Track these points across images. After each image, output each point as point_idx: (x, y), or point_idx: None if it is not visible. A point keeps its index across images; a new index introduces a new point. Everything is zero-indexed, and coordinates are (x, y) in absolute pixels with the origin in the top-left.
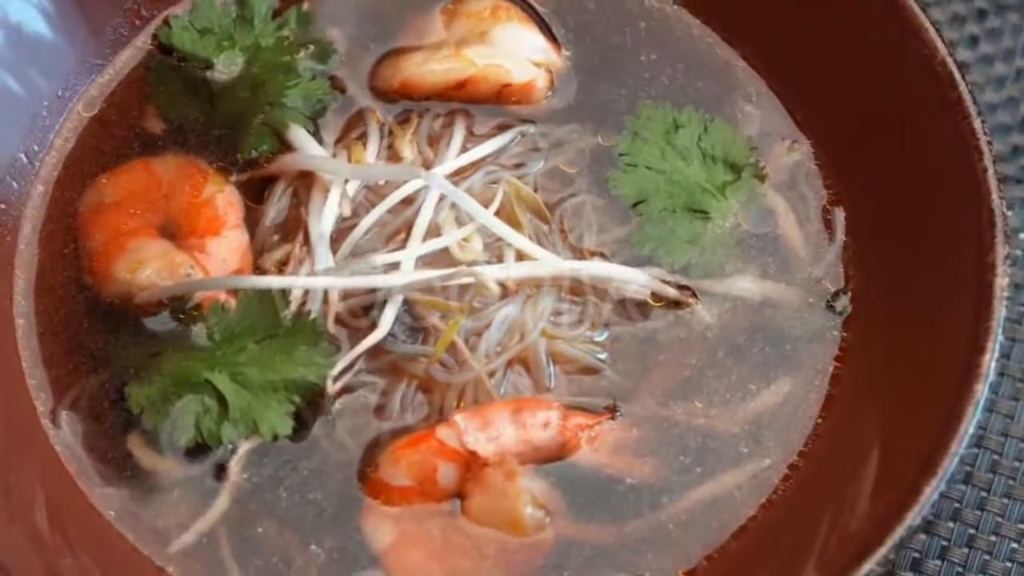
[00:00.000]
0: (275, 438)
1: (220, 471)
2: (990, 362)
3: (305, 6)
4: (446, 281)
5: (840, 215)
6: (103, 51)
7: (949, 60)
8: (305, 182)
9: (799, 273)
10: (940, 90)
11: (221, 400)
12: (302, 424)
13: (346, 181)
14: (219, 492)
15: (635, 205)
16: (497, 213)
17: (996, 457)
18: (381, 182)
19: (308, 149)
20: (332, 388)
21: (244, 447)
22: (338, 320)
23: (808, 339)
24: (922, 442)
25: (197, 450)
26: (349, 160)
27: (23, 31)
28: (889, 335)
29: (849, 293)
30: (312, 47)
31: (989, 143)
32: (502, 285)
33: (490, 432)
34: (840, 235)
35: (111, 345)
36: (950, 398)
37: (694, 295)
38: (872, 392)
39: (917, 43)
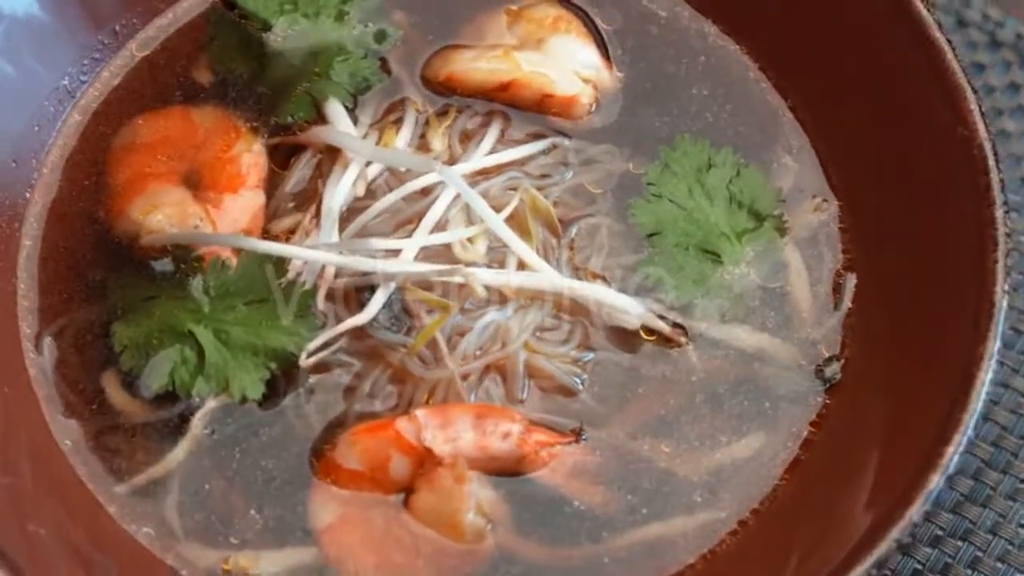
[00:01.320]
0: (243, 400)
1: (183, 422)
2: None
3: None
4: (439, 277)
5: (851, 281)
6: None
7: (988, 144)
8: (331, 156)
9: (798, 333)
10: (973, 174)
11: (201, 354)
12: (273, 391)
13: (368, 163)
14: (178, 442)
15: (650, 236)
16: (510, 219)
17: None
18: (402, 169)
19: (339, 124)
20: (305, 361)
21: (211, 403)
22: (329, 296)
23: (790, 399)
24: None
25: (166, 398)
26: (378, 142)
27: None
28: (880, 405)
29: (842, 361)
30: (371, 25)
31: (1008, 234)
32: (497, 291)
33: (449, 433)
34: (847, 302)
35: (109, 282)
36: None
37: (686, 335)
38: (848, 455)
39: (960, 125)
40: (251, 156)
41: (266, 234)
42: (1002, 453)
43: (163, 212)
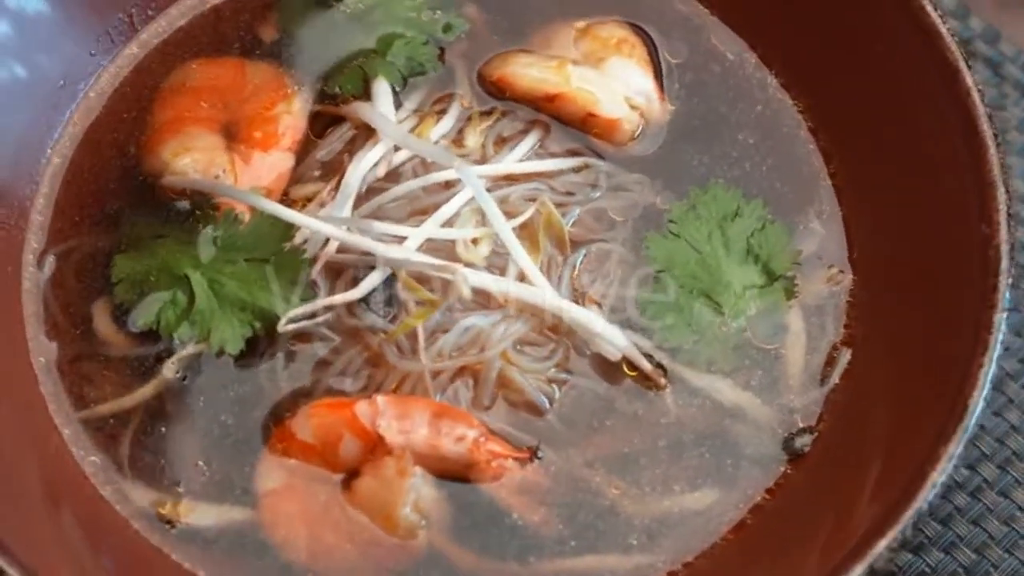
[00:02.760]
0: (220, 353)
1: (157, 363)
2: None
3: None
4: (432, 271)
5: (846, 357)
6: None
7: (1005, 246)
8: (366, 134)
9: (779, 398)
10: (985, 276)
11: (192, 299)
12: (251, 350)
13: (396, 148)
14: (148, 382)
15: (658, 272)
16: (521, 229)
17: None
18: (427, 160)
19: (379, 104)
20: (283, 326)
21: (189, 349)
22: (326, 269)
23: (753, 461)
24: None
25: (148, 336)
26: (413, 129)
27: None
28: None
29: (814, 435)
30: (440, 14)
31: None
32: (488, 297)
33: (404, 424)
34: (836, 377)
35: (124, 214)
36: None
37: (666, 377)
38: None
39: (984, 223)
40: (290, 118)
41: (285, 196)
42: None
43: (191, 156)
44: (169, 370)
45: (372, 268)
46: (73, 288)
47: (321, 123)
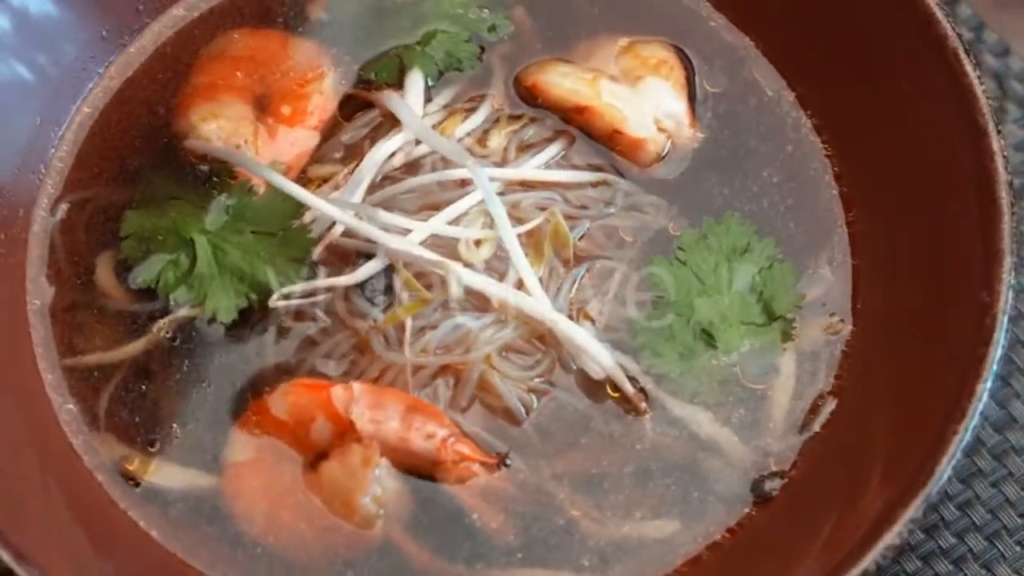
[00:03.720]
0: (212, 319)
1: (150, 322)
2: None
3: None
4: (428, 266)
5: (830, 407)
6: None
7: (1002, 316)
8: (391, 122)
9: (758, 439)
10: (977, 344)
11: (194, 263)
12: (243, 321)
13: (418, 142)
14: (137, 339)
15: (658, 297)
16: (528, 236)
17: None
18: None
19: (409, 95)
20: (274, 301)
21: (183, 312)
22: (330, 250)
23: (719, 498)
24: None
25: (145, 294)
26: (437, 125)
27: None
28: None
29: (785, 480)
30: (488, 13)
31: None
32: (482, 299)
33: (377, 414)
34: (817, 426)
35: (143, 172)
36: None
37: (646, 402)
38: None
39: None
40: (320, 98)
41: (303, 174)
42: None
43: (218, 123)
44: (160, 330)
45: (373, 256)
46: (81, 237)
47: (352, 106)
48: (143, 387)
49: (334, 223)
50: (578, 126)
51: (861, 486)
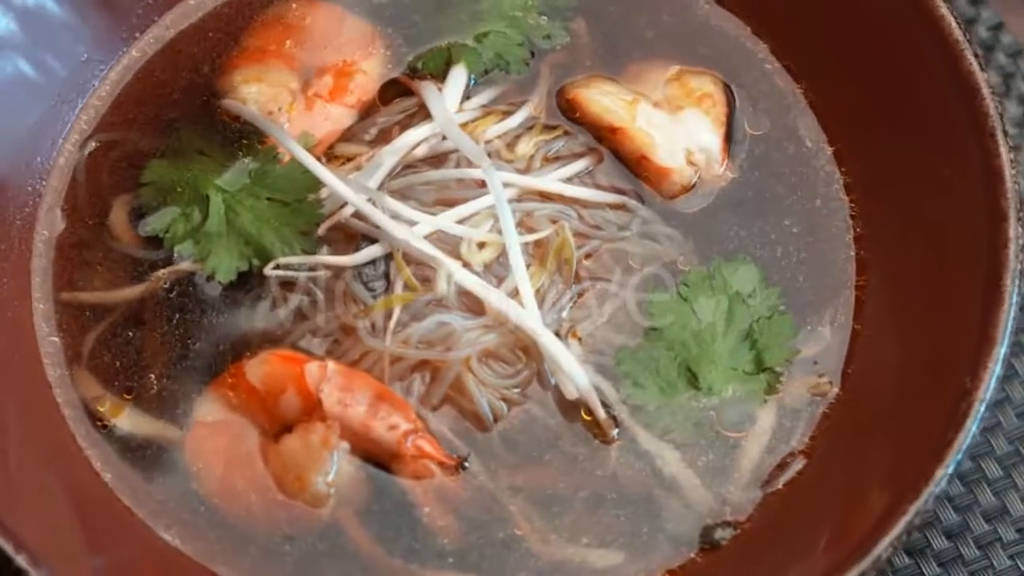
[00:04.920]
0: (211, 277)
1: (151, 271)
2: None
3: None
4: (423, 259)
5: (797, 466)
6: None
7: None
8: (424, 112)
9: (719, 486)
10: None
11: (205, 219)
12: (240, 284)
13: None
14: (136, 285)
15: (651, 329)
16: (534, 247)
17: None
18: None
19: (447, 89)
20: (269, 270)
21: (185, 265)
22: (335, 229)
23: (668, 538)
24: None
25: (152, 242)
26: (468, 123)
27: None
28: None
29: (737, 531)
30: (547, 21)
31: None
32: (474, 301)
33: (345, 397)
34: (780, 483)
35: (176, 124)
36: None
37: (616, 429)
38: None
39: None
40: (363, 78)
41: (329, 150)
42: None
43: (259, 87)
44: (159, 279)
45: (377, 242)
46: (103, 178)
47: (393, 91)
48: (131, 333)
49: (345, 203)
50: (609, 147)
51: (810, 549)
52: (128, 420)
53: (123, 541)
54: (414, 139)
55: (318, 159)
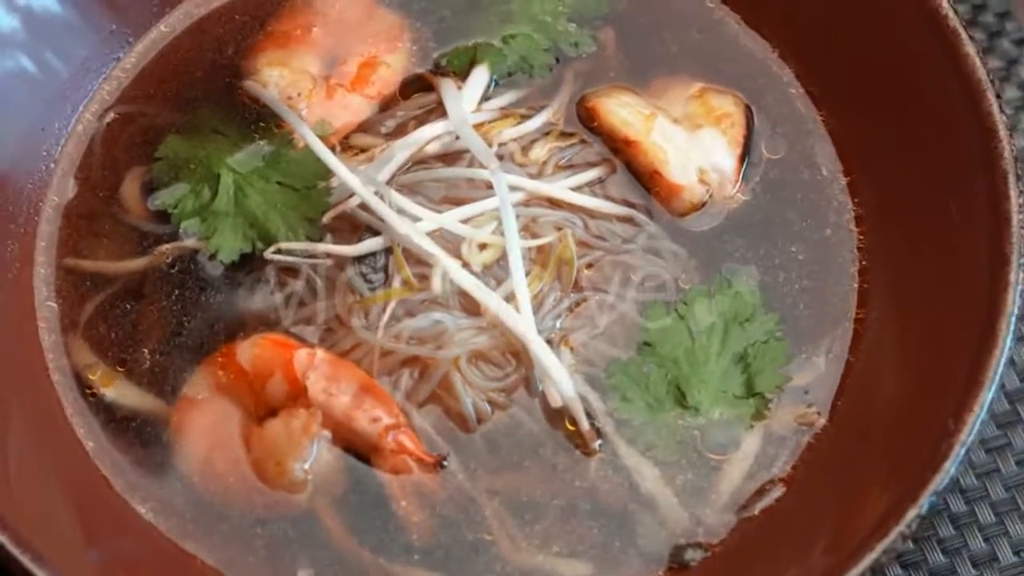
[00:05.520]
0: (213, 256)
1: (155, 245)
2: None
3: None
4: (420, 255)
5: (775, 494)
6: None
7: (959, 448)
8: (441, 109)
9: (695, 507)
10: (925, 469)
11: (213, 198)
12: (241, 265)
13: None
14: (139, 258)
15: (645, 343)
16: (536, 252)
17: None
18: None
19: (467, 88)
20: (268, 254)
21: (190, 242)
22: (340, 218)
23: (639, 554)
24: None
25: (160, 217)
26: (484, 124)
27: None
28: None
29: (707, 554)
30: (576, 28)
31: None
32: (469, 301)
33: (330, 386)
34: (757, 509)
35: (196, 102)
36: None
37: (601, 439)
38: None
39: (951, 417)
40: (387, 71)
41: (344, 140)
42: None
43: (281, 71)
44: (163, 254)
45: (379, 234)
46: (119, 150)
47: (415, 86)
48: (129, 306)
49: (352, 193)
50: (624, 159)
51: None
52: (118, 391)
53: (102, 512)
54: (427, 135)
55: (333, 148)
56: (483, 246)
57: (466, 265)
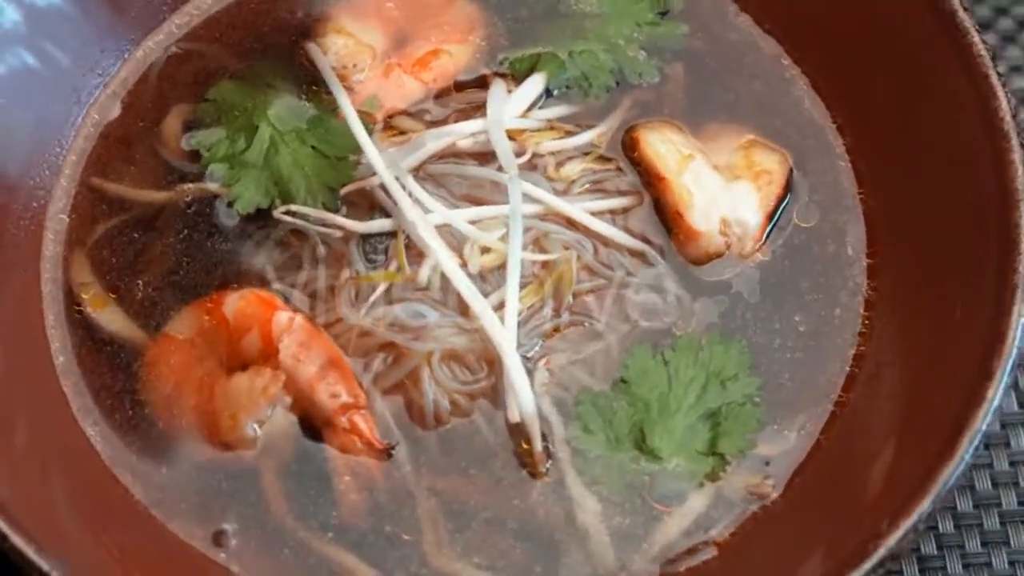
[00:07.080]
0: (231, 204)
1: (180, 182)
2: None
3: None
4: (419, 243)
5: (705, 556)
6: None
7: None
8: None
9: (625, 552)
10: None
11: (246, 148)
12: (255, 218)
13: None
14: (161, 191)
15: (622, 380)
16: (542, 266)
17: None
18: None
19: (517, 92)
20: (277, 211)
21: (213, 187)
22: (358, 194)
23: None
24: None
25: (191, 155)
26: (522, 134)
27: None
28: None
29: None
30: (646, 56)
31: None
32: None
33: (300, 353)
34: (682, 567)
35: (260, 55)
36: None
37: (549, 463)
38: None
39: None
40: (448, 60)
41: (388, 119)
42: None
43: (345, 41)
44: (183, 192)
45: (390, 217)
46: (172, 84)
47: (475, 82)
48: (137, 235)
49: (375, 172)
50: (653, 194)
51: None
52: (105, 314)
53: (52, 427)
54: (462, 131)
55: (374, 124)
56: (487, 250)
57: (464, 265)
